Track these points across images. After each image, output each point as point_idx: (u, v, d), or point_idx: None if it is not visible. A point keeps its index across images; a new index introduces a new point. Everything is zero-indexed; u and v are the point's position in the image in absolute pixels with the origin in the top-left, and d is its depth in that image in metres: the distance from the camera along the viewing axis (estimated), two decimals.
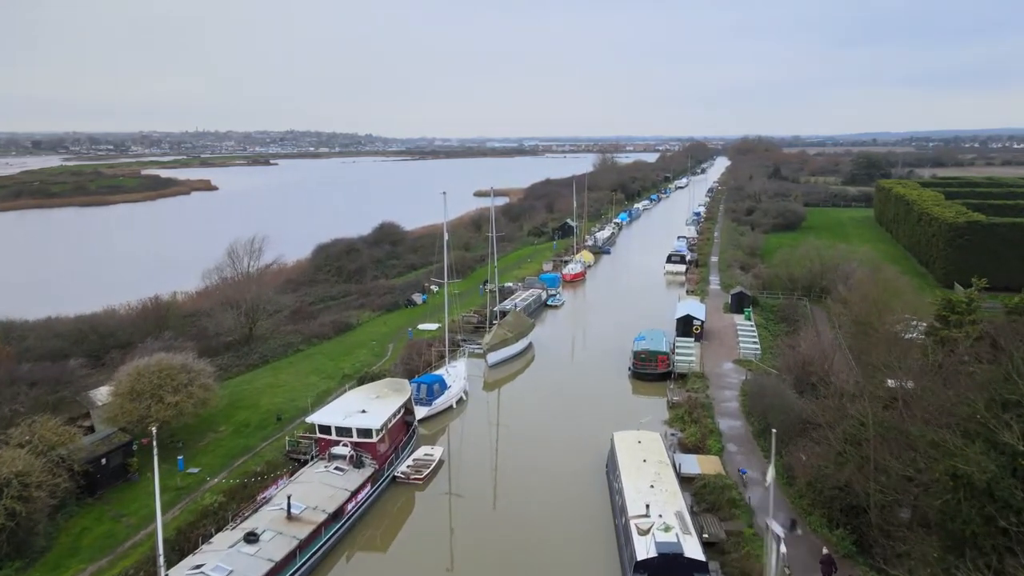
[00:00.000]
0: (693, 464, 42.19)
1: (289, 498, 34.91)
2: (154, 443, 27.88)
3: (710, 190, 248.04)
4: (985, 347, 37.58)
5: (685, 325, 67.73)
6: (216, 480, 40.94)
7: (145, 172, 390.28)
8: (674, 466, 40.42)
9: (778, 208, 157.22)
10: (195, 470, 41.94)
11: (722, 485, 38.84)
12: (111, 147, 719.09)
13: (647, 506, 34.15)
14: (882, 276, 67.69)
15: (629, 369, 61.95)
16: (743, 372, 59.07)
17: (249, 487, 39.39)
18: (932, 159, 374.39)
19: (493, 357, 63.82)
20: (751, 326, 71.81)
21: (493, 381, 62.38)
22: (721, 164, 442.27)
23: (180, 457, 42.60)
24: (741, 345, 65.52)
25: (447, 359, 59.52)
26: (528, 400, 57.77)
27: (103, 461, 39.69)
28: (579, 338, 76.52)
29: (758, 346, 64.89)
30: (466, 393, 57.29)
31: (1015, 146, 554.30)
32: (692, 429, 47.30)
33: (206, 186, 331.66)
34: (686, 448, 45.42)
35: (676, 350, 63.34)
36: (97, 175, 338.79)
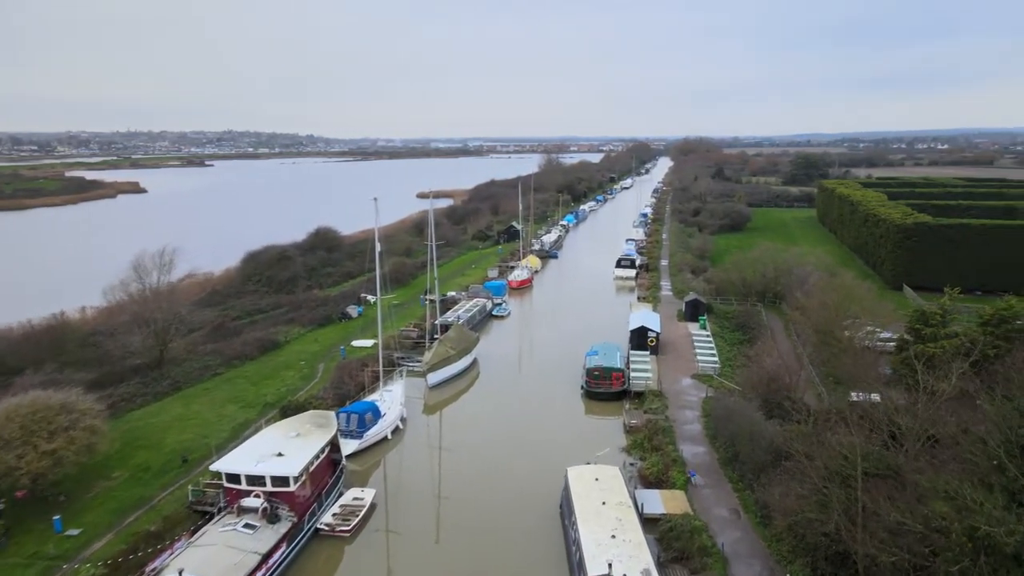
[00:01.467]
0: (656, 502, 37.77)
1: (181, 572, 28.87)
2: None
3: (655, 191, 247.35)
4: (965, 366, 34.09)
5: (639, 337, 63.58)
6: (100, 544, 34.43)
7: (70, 174, 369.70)
8: (636, 506, 35.91)
9: (724, 209, 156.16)
10: (75, 532, 35.32)
11: (690, 528, 34.43)
12: (35, 148, 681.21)
13: (609, 564, 29.41)
14: (840, 282, 65.01)
15: (582, 387, 57.40)
16: (703, 388, 55.20)
17: (140, 553, 33.05)
18: (865, 159, 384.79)
19: (434, 378, 58.37)
20: (707, 336, 68.26)
21: (434, 404, 56.98)
22: (664, 164, 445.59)
23: (57, 517, 35.85)
24: (699, 358, 61.73)
25: (381, 382, 53.78)
26: (473, 424, 52.61)
27: None
28: (527, 351, 71.71)
29: (716, 359, 61.20)
30: (403, 420, 51.76)
31: (939, 147, 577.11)
32: (653, 458, 42.89)
33: (134, 188, 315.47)
34: (647, 482, 40.96)
35: (631, 365, 59.14)
36: (15, 177, 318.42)
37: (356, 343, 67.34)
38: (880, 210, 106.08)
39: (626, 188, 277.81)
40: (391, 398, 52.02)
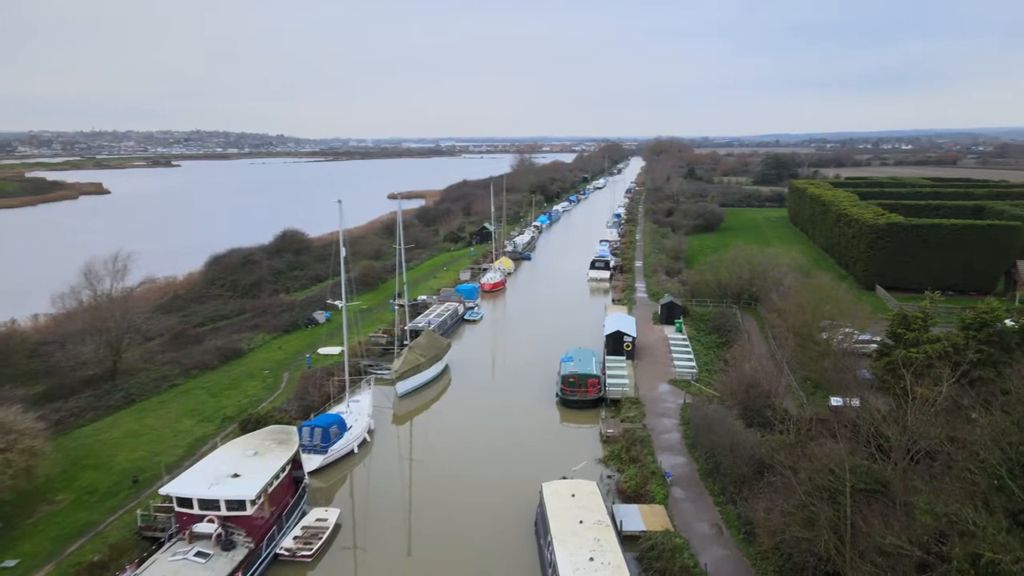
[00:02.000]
0: (636, 518, 36.12)
1: None
2: None
3: (628, 191, 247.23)
4: (956, 375, 32.96)
5: (615, 342, 62.04)
6: None
7: (31, 175, 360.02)
8: (614, 523, 34.24)
9: (697, 209, 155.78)
10: (11, 563, 32.58)
11: (672, 547, 32.83)
12: None
13: None
14: (817, 283, 64.16)
15: (556, 395, 55.64)
16: (681, 394, 53.78)
17: None
18: (832, 159, 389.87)
19: (403, 386, 56.21)
20: (684, 339, 66.97)
21: (404, 413, 54.84)
22: (636, 164, 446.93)
23: None
24: (676, 363, 60.36)
25: (347, 392, 51.37)
26: (444, 434, 50.55)
27: None
28: (500, 357, 69.78)
29: (694, 363, 59.87)
30: (371, 433, 49.51)
31: (903, 147, 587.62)
32: (631, 471, 41.27)
33: (97, 189, 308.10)
34: (625, 496, 39.32)
35: (607, 371, 57.51)
36: None
37: (323, 350, 64.87)
38: (852, 210, 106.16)
39: (599, 188, 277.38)
40: (358, 409, 49.78)
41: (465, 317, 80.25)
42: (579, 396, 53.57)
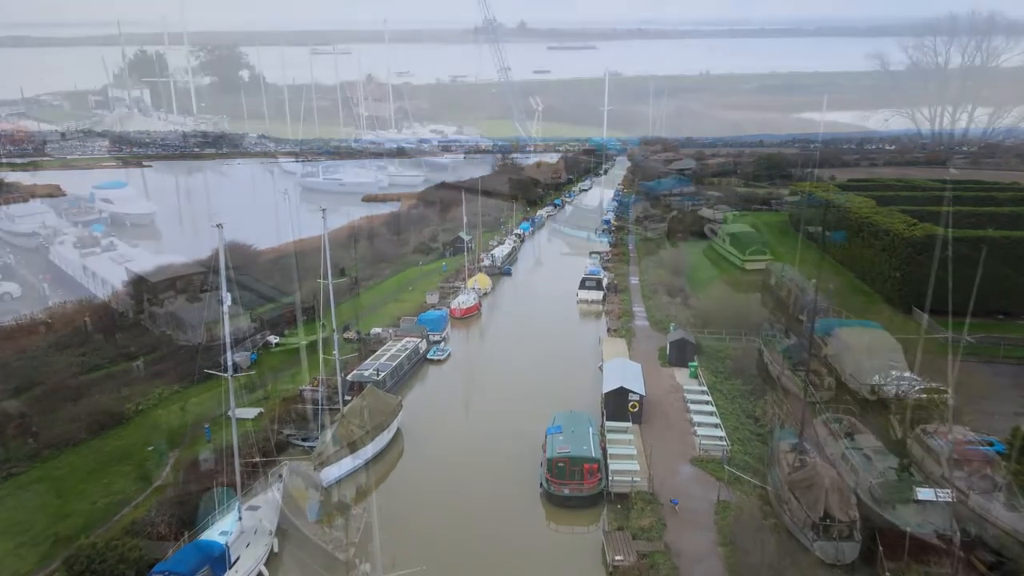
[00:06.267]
0: None
1: None
2: None
3: (617, 193, 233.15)
4: None
5: (617, 401, 47.31)
6: None
7: None
8: None
9: (693, 215, 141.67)
10: None
11: None
12: None
13: None
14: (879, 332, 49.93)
15: (541, 485, 40.91)
16: (712, 484, 39.23)
17: None
18: (823, 160, 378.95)
19: (331, 474, 41.13)
20: (703, 391, 52.37)
21: (333, 508, 39.94)
22: (622, 164, 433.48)
23: None
24: (698, 430, 45.64)
25: (239, 498, 36.01)
26: (387, 542, 35.75)
27: None
28: (470, 413, 54.84)
29: (722, 432, 45.04)
30: (272, 557, 34.50)
31: (887, 147, 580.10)
32: None
33: (53, 192, 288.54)
34: None
35: (608, 446, 42.74)
36: None
37: (236, 413, 49.53)
38: (877, 219, 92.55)
39: (585, 190, 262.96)
40: (254, 523, 34.60)
41: (428, 356, 65.12)
42: (572, 491, 38.74)
